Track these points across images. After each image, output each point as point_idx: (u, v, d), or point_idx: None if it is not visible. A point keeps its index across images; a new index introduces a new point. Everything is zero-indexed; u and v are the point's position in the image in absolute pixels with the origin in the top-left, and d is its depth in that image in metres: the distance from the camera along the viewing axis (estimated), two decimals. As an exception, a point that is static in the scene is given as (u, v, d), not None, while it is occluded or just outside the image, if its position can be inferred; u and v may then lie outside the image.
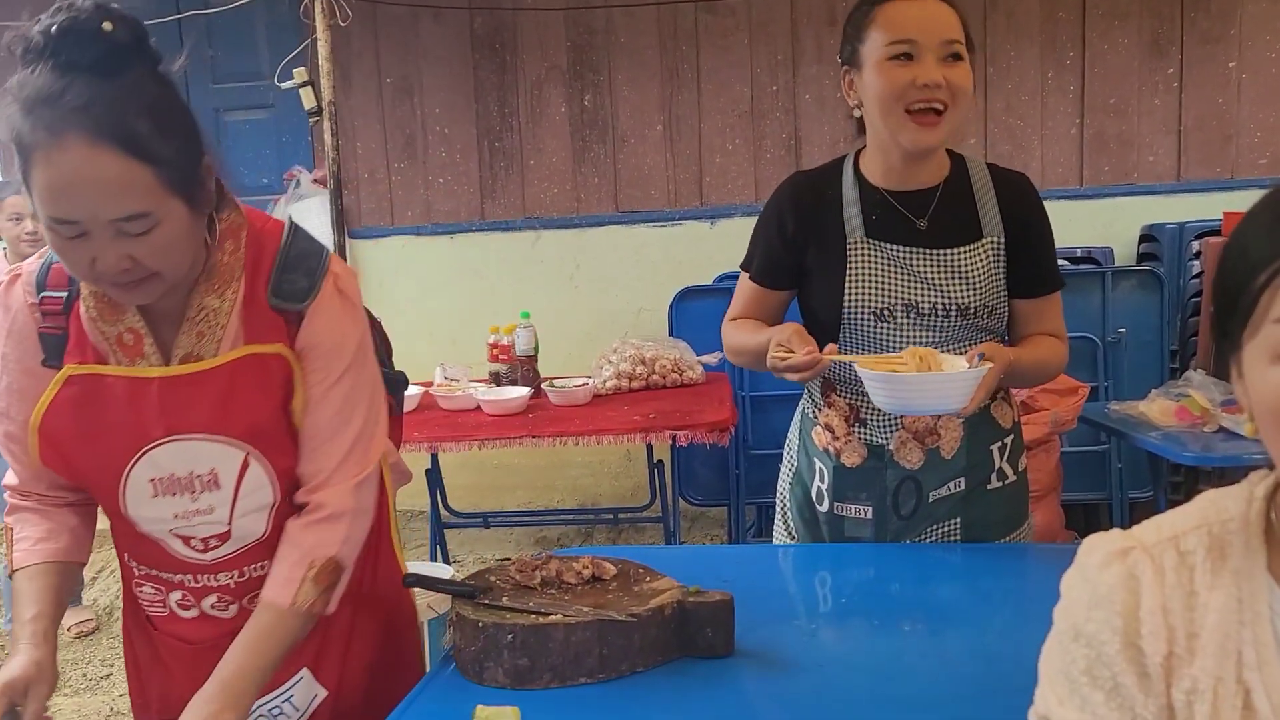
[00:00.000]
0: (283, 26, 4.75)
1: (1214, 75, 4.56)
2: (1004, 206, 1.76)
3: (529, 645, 1.35)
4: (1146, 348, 4.05)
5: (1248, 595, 0.81)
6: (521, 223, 4.93)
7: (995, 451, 1.82)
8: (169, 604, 1.47)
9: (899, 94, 1.66)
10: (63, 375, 1.32)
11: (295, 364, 1.35)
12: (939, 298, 1.73)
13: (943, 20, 1.67)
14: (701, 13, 4.74)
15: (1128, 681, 0.82)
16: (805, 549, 1.86)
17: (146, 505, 1.35)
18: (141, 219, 1.17)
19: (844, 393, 1.83)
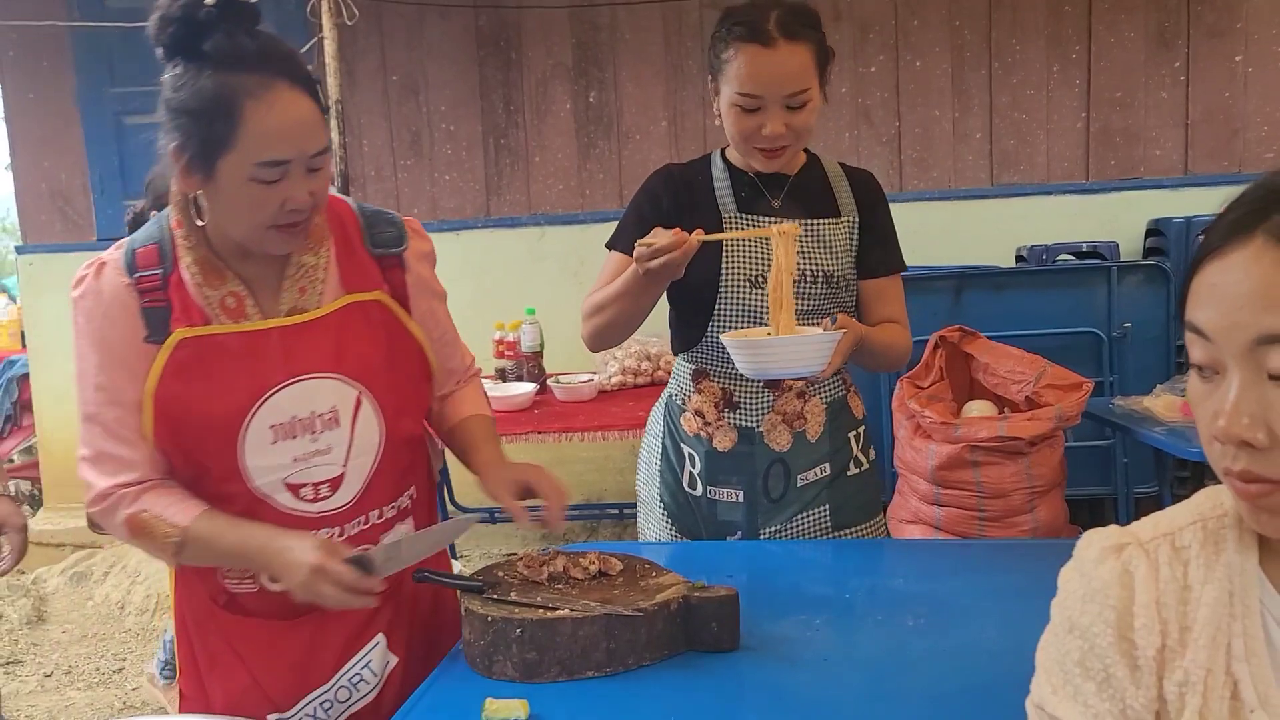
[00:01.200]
0: (289, 25, 4.75)
1: (1220, 69, 4.55)
2: (856, 192, 1.94)
3: (537, 639, 1.36)
4: (1152, 343, 4.05)
5: (1239, 589, 0.83)
6: (527, 219, 4.94)
7: (852, 439, 1.95)
8: (260, 579, 1.50)
9: (747, 137, 1.80)
10: (174, 340, 1.40)
11: (394, 306, 1.51)
12: (807, 264, 1.85)
13: (789, 72, 1.75)
14: (706, 9, 4.74)
15: (1119, 673, 0.84)
16: (809, 545, 1.87)
17: (265, 453, 1.42)
18: (324, 154, 1.36)
19: (717, 378, 1.92)
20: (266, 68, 1.30)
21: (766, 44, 1.73)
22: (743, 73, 1.75)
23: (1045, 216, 4.59)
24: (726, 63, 1.78)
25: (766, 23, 1.73)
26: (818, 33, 1.79)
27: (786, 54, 1.74)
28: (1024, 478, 3.20)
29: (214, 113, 1.29)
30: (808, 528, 1.92)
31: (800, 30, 1.75)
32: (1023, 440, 3.14)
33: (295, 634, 1.51)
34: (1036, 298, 4.01)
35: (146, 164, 1.44)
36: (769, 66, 1.74)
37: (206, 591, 1.53)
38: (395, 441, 1.51)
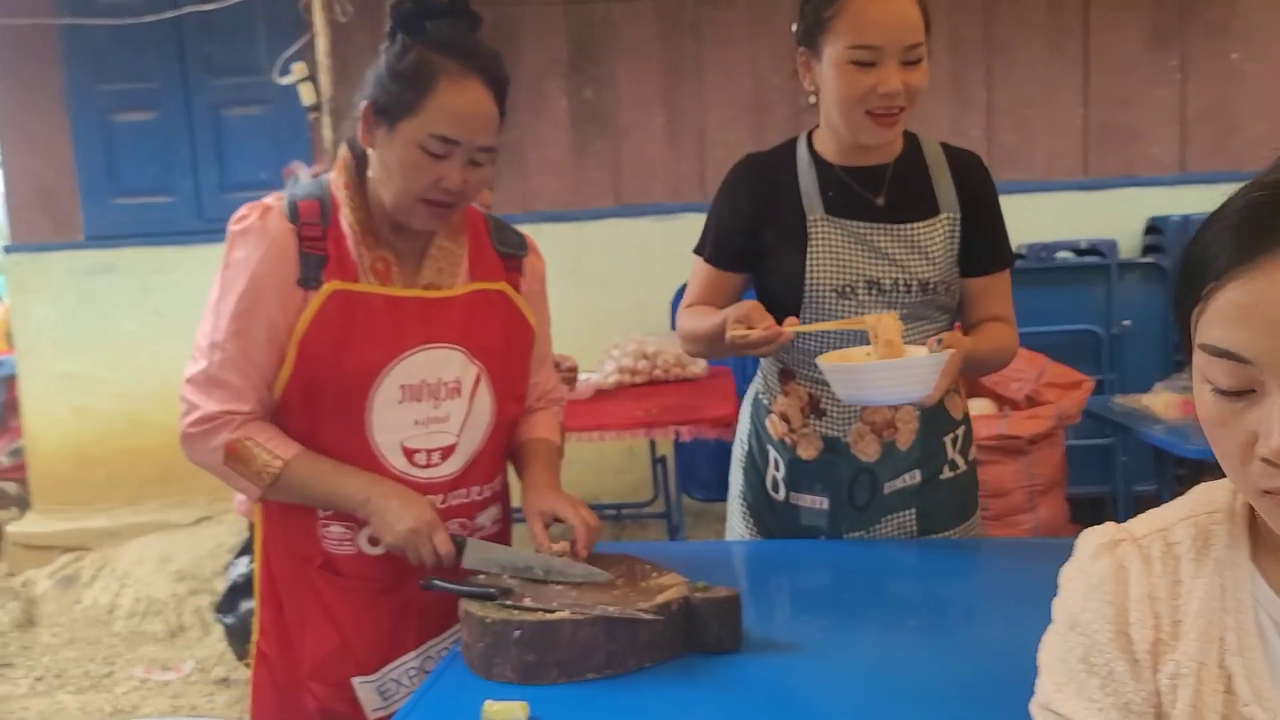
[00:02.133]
0: (282, 22, 4.72)
1: (1217, 67, 4.54)
2: (958, 183, 1.77)
3: (536, 641, 1.34)
4: (1151, 341, 4.04)
5: (1230, 583, 0.84)
6: (522, 216, 4.91)
7: (948, 443, 1.84)
8: (358, 541, 1.57)
9: (860, 99, 1.65)
10: (328, 290, 1.50)
11: (516, 298, 1.64)
12: (900, 273, 1.73)
13: (908, 23, 1.63)
14: (702, 5, 4.72)
15: (1120, 669, 0.84)
16: (811, 545, 1.85)
17: (391, 411, 1.53)
18: (489, 153, 1.50)
19: (803, 381, 1.82)
20: (470, 61, 1.47)
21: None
22: (860, 20, 1.62)
23: (1045, 213, 4.57)
24: (833, 18, 1.64)
25: None
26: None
27: (903, 4, 1.63)
28: (1025, 476, 3.18)
29: (413, 79, 1.45)
30: (892, 532, 1.84)
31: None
32: (1023, 439, 3.13)
33: (388, 601, 1.58)
34: (1036, 295, 3.99)
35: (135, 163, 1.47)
36: (887, 12, 1.61)
37: (302, 552, 1.59)
38: (501, 423, 1.64)
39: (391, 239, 1.56)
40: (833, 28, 1.64)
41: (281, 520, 1.59)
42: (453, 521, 1.58)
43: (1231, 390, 0.75)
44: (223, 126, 4.93)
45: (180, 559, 4.45)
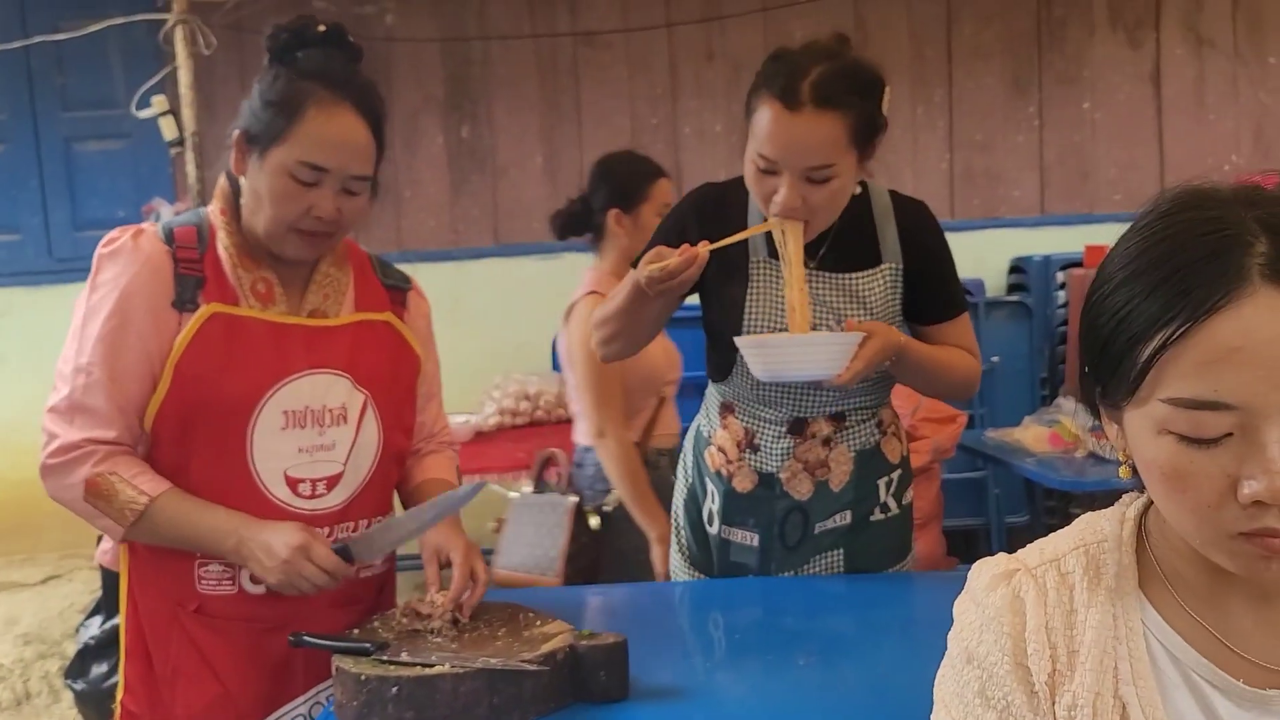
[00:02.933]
0: (140, 53, 4.54)
1: (1071, 115, 4.79)
2: (903, 233, 1.75)
3: (415, 698, 1.28)
4: (1019, 375, 4.20)
5: (1122, 612, 0.84)
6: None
7: (882, 485, 1.84)
8: (239, 580, 1.50)
9: (762, 198, 1.65)
10: (205, 312, 1.46)
11: (403, 328, 1.63)
12: (835, 320, 1.72)
13: (809, 144, 1.56)
14: (580, 46, 4.74)
15: (1018, 700, 0.83)
16: (697, 585, 1.84)
17: (274, 437, 1.48)
18: (363, 181, 1.50)
19: (741, 416, 1.81)
20: (341, 89, 1.46)
21: (792, 108, 1.54)
22: (762, 133, 1.57)
23: (914, 254, 4.71)
24: (754, 111, 1.60)
25: (801, 81, 1.54)
26: (866, 100, 1.58)
27: (811, 123, 1.54)
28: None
29: (282, 106, 1.45)
30: (820, 571, 1.83)
31: (839, 98, 1.55)
32: (901, 473, 3.17)
33: (272, 643, 1.50)
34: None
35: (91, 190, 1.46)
36: (789, 133, 1.55)
37: (174, 597, 1.50)
38: (389, 454, 1.60)
39: (273, 264, 1.53)
40: (751, 122, 1.62)
41: (152, 563, 1.50)
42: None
43: (1209, 439, 0.72)
44: (76, 161, 4.70)
45: (26, 621, 4.17)
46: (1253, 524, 0.72)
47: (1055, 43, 4.75)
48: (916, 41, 4.74)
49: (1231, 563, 0.75)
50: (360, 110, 1.47)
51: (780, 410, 1.77)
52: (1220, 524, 0.73)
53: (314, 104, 1.44)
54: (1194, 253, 0.73)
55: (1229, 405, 0.70)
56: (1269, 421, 0.70)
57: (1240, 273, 0.71)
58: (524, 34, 4.71)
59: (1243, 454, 0.71)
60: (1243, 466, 0.71)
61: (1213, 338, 0.71)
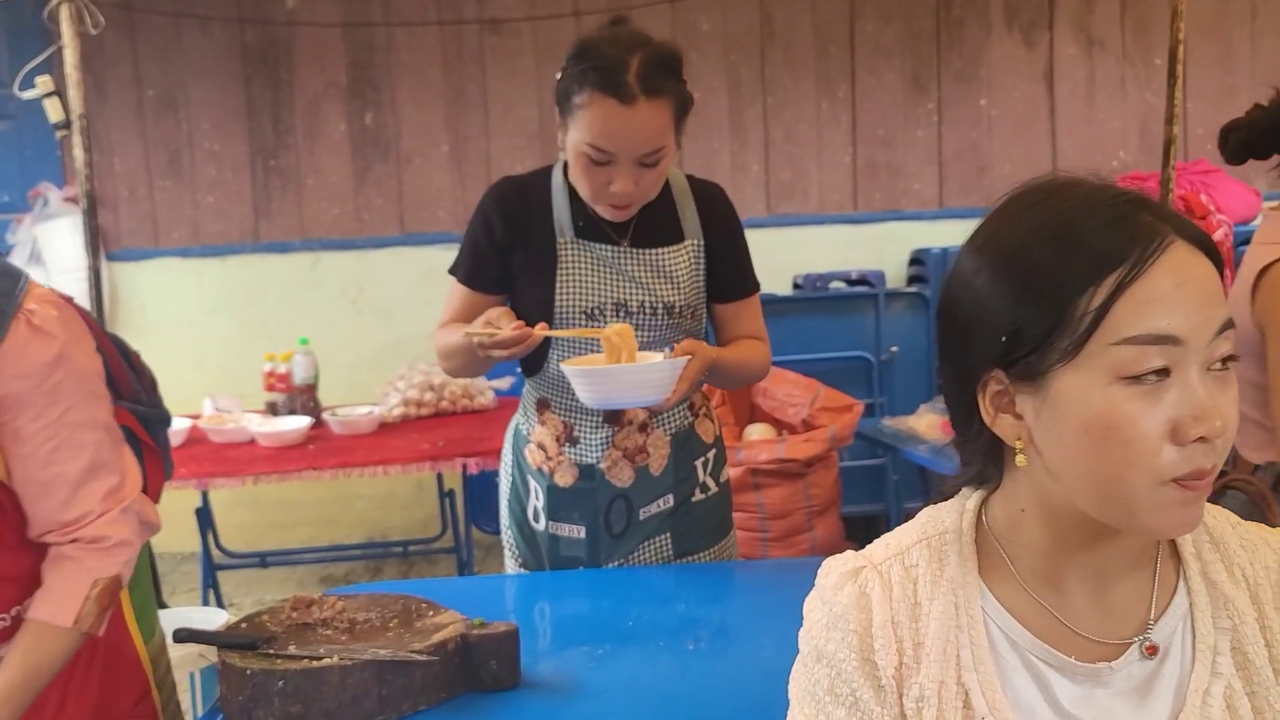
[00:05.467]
0: (23, 31, 4.35)
1: (968, 112, 4.91)
2: (702, 212, 1.83)
3: (302, 691, 1.27)
4: (916, 365, 4.30)
5: (963, 601, 0.87)
6: (300, 244, 4.71)
7: (699, 466, 1.89)
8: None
9: (592, 192, 1.70)
10: None
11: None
12: (646, 296, 1.78)
13: (645, 133, 1.63)
14: (486, 34, 4.69)
15: (865, 695, 0.86)
16: (594, 574, 1.85)
17: None
18: None
19: (558, 410, 1.85)
20: None
21: (625, 101, 1.59)
22: (595, 128, 1.61)
23: (819, 245, 4.79)
24: (578, 107, 1.63)
25: (626, 74, 1.58)
26: (679, 82, 1.66)
27: (646, 113, 1.60)
28: (803, 498, 3.29)
29: None
30: (649, 557, 1.86)
31: (663, 85, 1.61)
32: (799, 461, 3.24)
33: None
34: (810, 323, 4.17)
35: None
36: (626, 126, 1.61)
37: None
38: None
39: None
40: (574, 117, 1.65)
41: None
42: None
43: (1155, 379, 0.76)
44: (-44, 143, 4.50)
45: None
46: (1188, 466, 0.77)
47: (954, 42, 4.87)
48: (821, 39, 4.81)
49: (1154, 516, 0.78)
50: None
51: None
52: (1156, 471, 0.77)
53: None
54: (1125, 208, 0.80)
55: (1177, 339, 0.76)
56: (1195, 359, 0.77)
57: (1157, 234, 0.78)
58: (429, 20, 4.65)
59: (1178, 398, 0.76)
60: (1179, 409, 0.76)
61: (1158, 276, 0.77)
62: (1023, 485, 0.86)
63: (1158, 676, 0.85)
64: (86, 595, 1.28)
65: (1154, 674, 0.85)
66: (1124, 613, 0.86)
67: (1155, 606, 0.87)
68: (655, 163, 1.67)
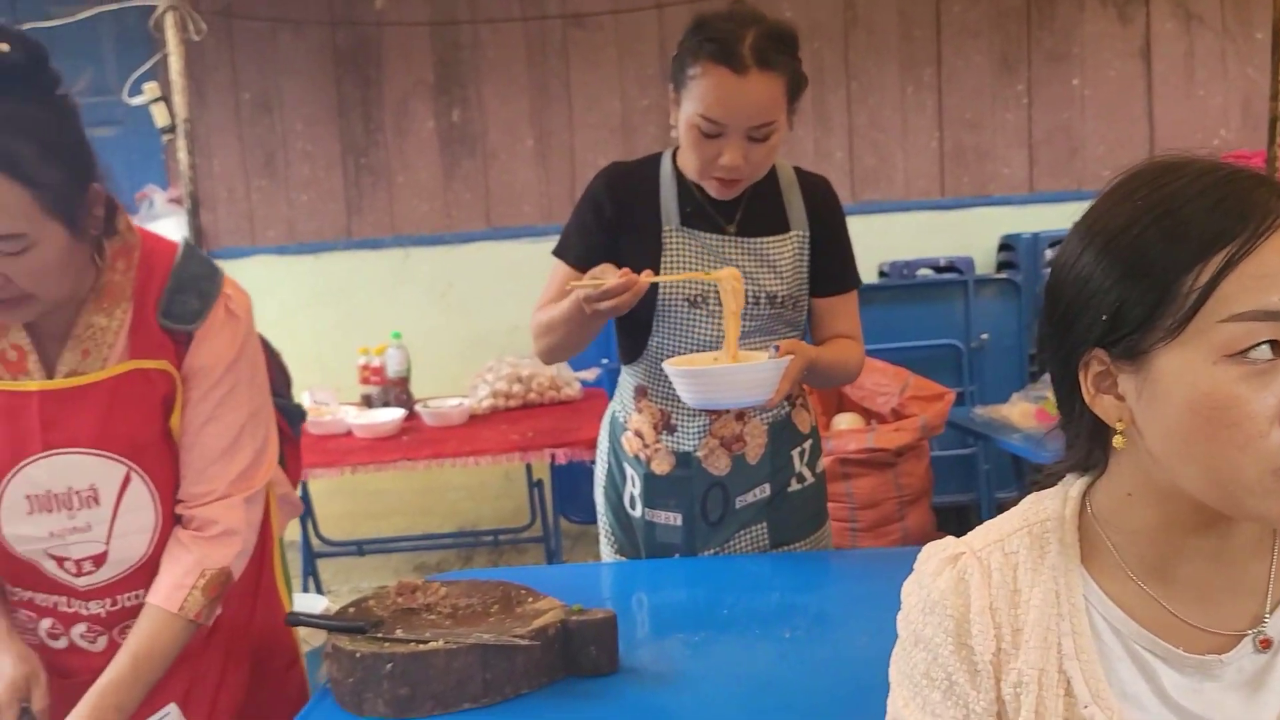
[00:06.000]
0: (131, 40, 4.53)
1: (1060, 92, 4.80)
2: (808, 204, 1.83)
3: (409, 674, 1.31)
4: (1007, 352, 4.22)
5: (1064, 589, 0.86)
6: (390, 240, 4.82)
7: (796, 456, 1.89)
8: (39, 632, 1.44)
9: (702, 166, 1.71)
10: None
11: (179, 381, 1.37)
12: (750, 285, 1.77)
13: (758, 104, 1.64)
14: (570, 28, 4.74)
15: (961, 679, 0.86)
16: (688, 563, 1.86)
17: (22, 522, 1.35)
18: (16, 239, 1.20)
19: (655, 398, 1.86)
20: None
21: (738, 70, 1.61)
22: (709, 97, 1.63)
23: (905, 232, 4.73)
24: (692, 79, 1.65)
25: (741, 45, 1.61)
26: (794, 59, 1.68)
27: (758, 84, 1.62)
28: (893, 487, 3.27)
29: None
30: (745, 546, 1.87)
31: (776, 58, 1.63)
32: (890, 451, 3.22)
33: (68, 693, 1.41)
34: (898, 311, 4.13)
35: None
36: (737, 95, 1.62)
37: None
38: (172, 525, 1.41)
39: (29, 326, 1.34)
40: (687, 89, 1.68)
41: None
42: None
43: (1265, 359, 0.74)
44: (69, 149, 4.70)
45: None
46: None
47: (1044, 20, 4.75)
48: (906, 21, 4.74)
49: (1263, 503, 0.76)
50: None
51: None
52: (1265, 456, 0.74)
53: None
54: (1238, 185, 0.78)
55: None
56: None
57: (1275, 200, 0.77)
58: (514, 17, 4.71)
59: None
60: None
61: (1269, 253, 0.75)
62: (1127, 468, 0.85)
63: (1271, 671, 0.83)
64: (193, 585, 1.36)
65: (1267, 668, 0.83)
66: (1237, 603, 0.84)
67: (1271, 598, 0.85)
68: (765, 137, 1.67)
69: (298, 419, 1.73)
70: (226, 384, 1.39)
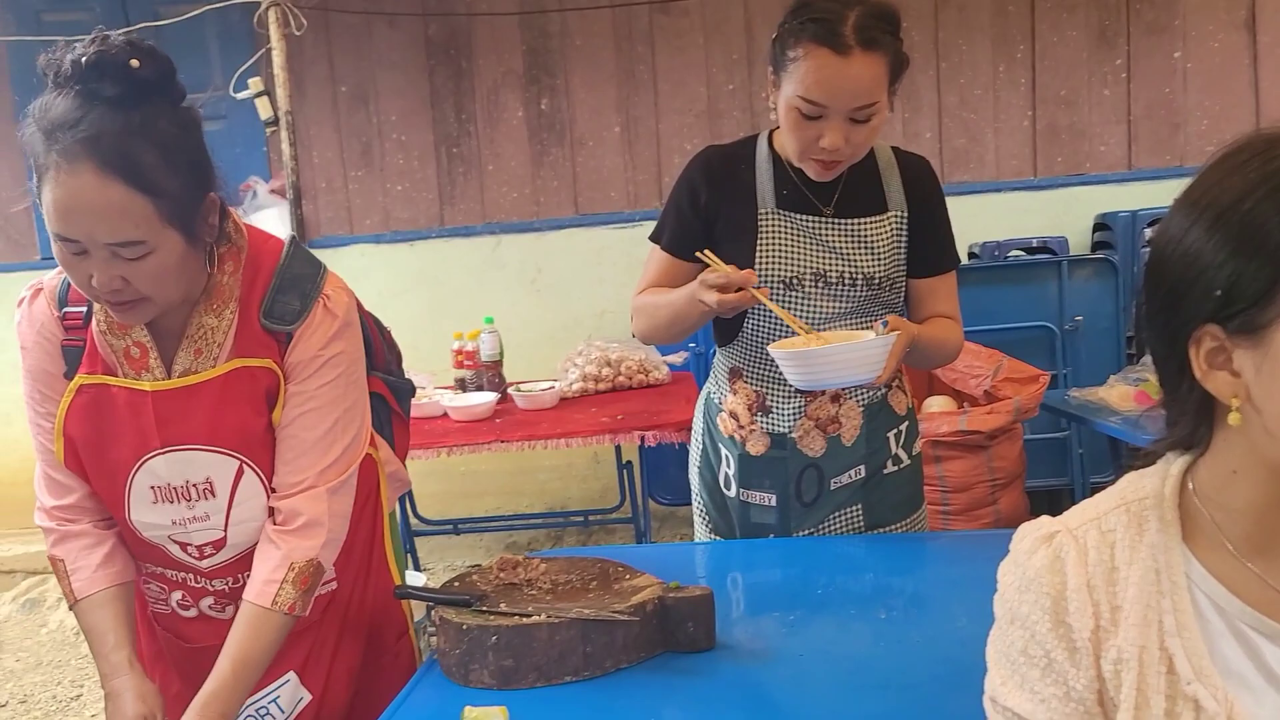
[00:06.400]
0: (235, 36, 4.69)
1: (1160, 65, 4.65)
2: (907, 185, 1.81)
3: (513, 646, 1.36)
4: (1104, 334, 4.13)
5: (1165, 566, 0.86)
6: (481, 228, 4.92)
7: (891, 438, 1.88)
8: (170, 602, 1.53)
9: (802, 149, 1.70)
10: (75, 384, 1.40)
11: (281, 377, 1.42)
12: (846, 267, 1.77)
13: (860, 85, 1.62)
14: (656, 14, 4.75)
15: (1060, 657, 0.86)
16: (782, 543, 1.88)
17: (148, 511, 1.43)
18: (135, 246, 1.25)
19: (750, 380, 1.86)
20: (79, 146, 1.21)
21: (840, 51, 1.59)
22: (809, 78, 1.61)
23: (996, 213, 4.65)
24: (793, 60, 1.63)
25: (844, 25, 1.59)
26: (896, 39, 1.65)
27: (860, 65, 1.59)
28: (985, 470, 3.24)
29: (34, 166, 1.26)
30: (840, 527, 1.87)
31: (879, 38, 1.61)
32: (982, 434, 3.19)
33: (205, 659, 1.48)
34: (991, 293, 4.06)
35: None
36: (839, 77, 1.60)
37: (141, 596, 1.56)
38: None
39: (149, 326, 1.40)
40: (788, 71, 1.66)
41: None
42: None
43: None
44: (177, 143, 4.88)
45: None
46: None
47: (1144, -8, 4.62)
48: (998, -2, 4.65)
49: None
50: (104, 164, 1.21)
51: None
52: None
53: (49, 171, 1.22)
54: None
55: None
56: None
57: None
58: (601, 4, 4.75)
59: None
60: None
61: None
62: (1236, 446, 0.84)
63: None
64: (283, 579, 1.40)
65: None
66: None
67: None
68: (867, 118, 1.65)
69: (407, 395, 1.78)
70: (322, 379, 1.43)
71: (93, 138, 1.20)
